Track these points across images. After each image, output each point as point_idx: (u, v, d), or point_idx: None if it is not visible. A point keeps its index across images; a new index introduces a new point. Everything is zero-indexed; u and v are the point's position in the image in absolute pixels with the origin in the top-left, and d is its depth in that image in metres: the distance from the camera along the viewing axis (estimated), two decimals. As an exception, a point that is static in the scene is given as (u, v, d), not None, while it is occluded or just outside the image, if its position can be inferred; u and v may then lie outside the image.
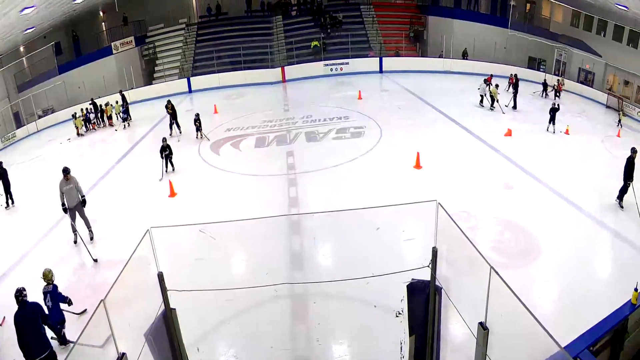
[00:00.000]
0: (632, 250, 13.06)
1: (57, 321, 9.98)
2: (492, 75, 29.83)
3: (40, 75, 34.09)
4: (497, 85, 26.60)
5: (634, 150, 15.07)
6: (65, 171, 14.02)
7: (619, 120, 24.30)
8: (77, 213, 14.47)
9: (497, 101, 26.12)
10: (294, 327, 10.89)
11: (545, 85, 29.06)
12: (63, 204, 14.09)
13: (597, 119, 25.24)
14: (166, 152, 19.64)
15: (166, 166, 19.83)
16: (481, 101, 27.17)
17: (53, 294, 9.93)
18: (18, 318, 8.56)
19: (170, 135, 24.43)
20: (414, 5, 42.52)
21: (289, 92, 34.15)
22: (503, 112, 25.62)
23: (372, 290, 10.77)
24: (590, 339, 6.14)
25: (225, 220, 9.89)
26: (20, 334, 8.51)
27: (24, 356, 8.53)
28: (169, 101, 25.74)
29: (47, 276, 10.07)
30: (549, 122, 22.50)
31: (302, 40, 38.63)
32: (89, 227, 14.87)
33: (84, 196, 14.54)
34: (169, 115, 25.18)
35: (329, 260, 13.77)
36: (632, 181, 14.93)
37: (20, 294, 8.68)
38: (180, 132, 24.63)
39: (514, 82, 26.93)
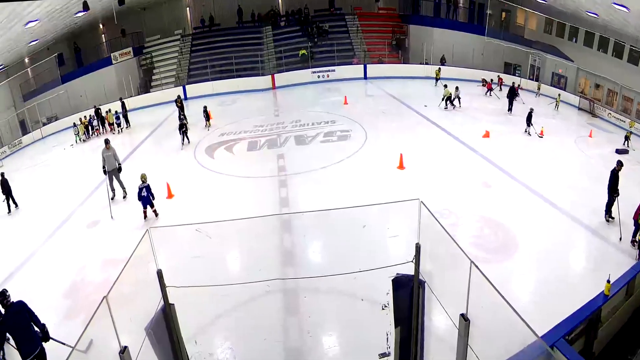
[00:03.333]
0: (605, 244, 13.13)
1: (150, 203, 15.41)
2: (489, 80, 31.06)
3: (44, 85, 34.03)
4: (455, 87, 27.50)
5: (619, 164, 14.00)
6: (107, 142, 17.29)
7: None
8: (114, 177, 17.38)
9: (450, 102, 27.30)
10: (286, 320, 10.87)
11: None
12: (103, 167, 17.09)
13: (570, 121, 25.39)
14: (183, 129, 23.66)
15: (183, 140, 23.70)
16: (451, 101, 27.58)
17: (147, 187, 15.23)
18: (7, 321, 8.07)
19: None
20: (396, 15, 42.59)
21: (279, 98, 34.03)
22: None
23: (359, 285, 10.80)
24: (566, 329, 6.16)
25: (220, 220, 10.00)
26: (12, 335, 8.26)
27: (20, 355, 8.19)
28: (178, 96, 29.03)
29: (144, 177, 15.32)
30: (527, 125, 22.57)
31: (291, 49, 38.58)
32: (123, 188, 17.72)
33: (120, 163, 17.57)
34: (178, 108, 27.08)
35: (319, 257, 13.76)
36: (617, 195, 13.83)
37: (4, 297, 8.08)
38: (187, 122, 24.55)
39: (511, 87, 26.71)
